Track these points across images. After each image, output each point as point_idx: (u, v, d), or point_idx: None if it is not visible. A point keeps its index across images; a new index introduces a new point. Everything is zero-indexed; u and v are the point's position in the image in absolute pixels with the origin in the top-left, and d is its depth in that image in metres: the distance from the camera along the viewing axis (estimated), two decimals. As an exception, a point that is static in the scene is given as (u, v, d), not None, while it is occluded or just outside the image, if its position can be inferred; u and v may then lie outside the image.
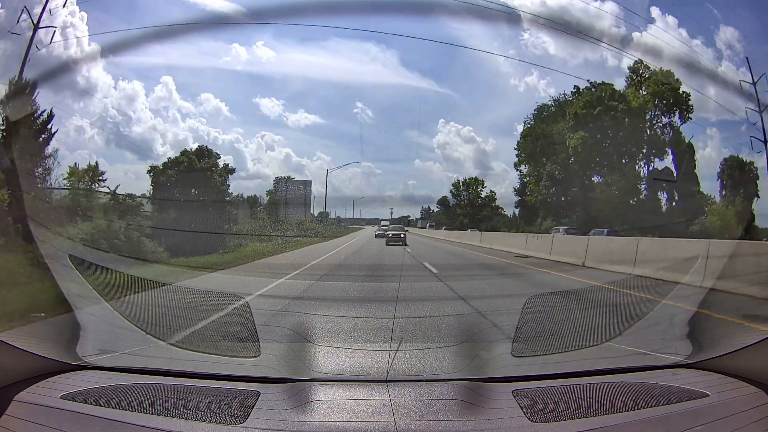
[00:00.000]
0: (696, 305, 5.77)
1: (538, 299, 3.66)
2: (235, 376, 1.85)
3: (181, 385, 1.74)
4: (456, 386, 1.71)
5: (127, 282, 5.94)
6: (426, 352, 2.53)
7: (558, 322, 3.76)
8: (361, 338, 4.56)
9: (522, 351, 2.39)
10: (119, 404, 1.53)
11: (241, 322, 3.59)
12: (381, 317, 5.63)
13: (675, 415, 1.49)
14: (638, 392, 1.65)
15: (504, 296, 7.32)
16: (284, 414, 1.51)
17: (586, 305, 5.92)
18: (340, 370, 2.05)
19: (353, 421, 1.45)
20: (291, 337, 3.60)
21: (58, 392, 1.60)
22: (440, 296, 7.43)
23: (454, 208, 20.47)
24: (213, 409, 1.51)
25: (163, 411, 1.50)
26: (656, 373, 1.88)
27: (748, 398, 1.58)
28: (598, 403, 1.55)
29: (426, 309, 6.25)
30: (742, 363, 1.74)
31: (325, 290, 8.30)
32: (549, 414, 1.49)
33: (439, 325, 5.27)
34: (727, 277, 7.46)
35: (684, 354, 2.04)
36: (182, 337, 3.97)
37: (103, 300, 3.20)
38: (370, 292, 8.05)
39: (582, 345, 2.78)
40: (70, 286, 3.54)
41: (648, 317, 3.63)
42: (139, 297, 5.30)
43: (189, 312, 4.46)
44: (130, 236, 11.53)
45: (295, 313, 5.93)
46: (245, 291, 7.21)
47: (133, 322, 2.83)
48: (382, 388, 1.68)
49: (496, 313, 5.46)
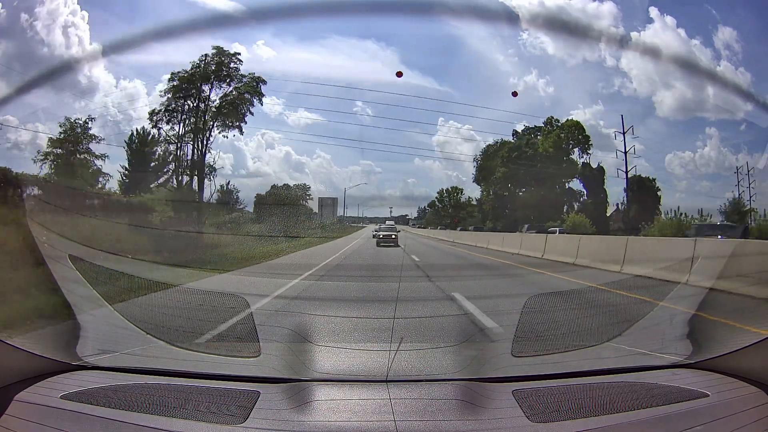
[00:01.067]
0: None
1: (537, 299, 3.66)
2: (235, 376, 1.85)
3: (181, 385, 1.74)
4: (456, 386, 1.71)
5: (131, 283, 5.95)
6: (426, 352, 2.53)
7: (558, 322, 3.77)
8: (361, 338, 4.56)
9: (522, 351, 2.39)
10: (119, 404, 1.53)
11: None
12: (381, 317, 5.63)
13: (675, 415, 1.49)
14: (638, 392, 1.64)
15: (502, 294, 7.34)
16: (284, 414, 1.51)
17: (585, 305, 5.91)
18: (340, 370, 2.05)
19: (353, 421, 1.45)
20: (291, 337, 3.60)
21: (58, 392, 1.60)
22: (434, 296, 7.45)
23: (440, 210, 27.17)
24: (213, 409, 1.51)
25: (163, 411, 1.49)
26: (656, 373, 1.88)
27: (748, 398, 1.58)
28: (598, 403, 1.55)
29: (425, 309, 6.24)
30: (742, 363, 1.74)
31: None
32: (549, 414, 1.49)
33: (439, 325, 5.27)
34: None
35: (684, 354, 2.04)
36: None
37: (104, 300, 3.20)
38: (370, 291, 8.07)
39: (582, 345, 2.78)
40: (70, 286, 3.54)
41: (648, 317, 3.64)
42: (144, 299, 5.29)
43: (207, 314, 4.48)
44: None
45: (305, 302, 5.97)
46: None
47: (133, 322, 2.83)
48: (382, 388, 1.68)
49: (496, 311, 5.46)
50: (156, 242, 13.02)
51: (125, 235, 12.35)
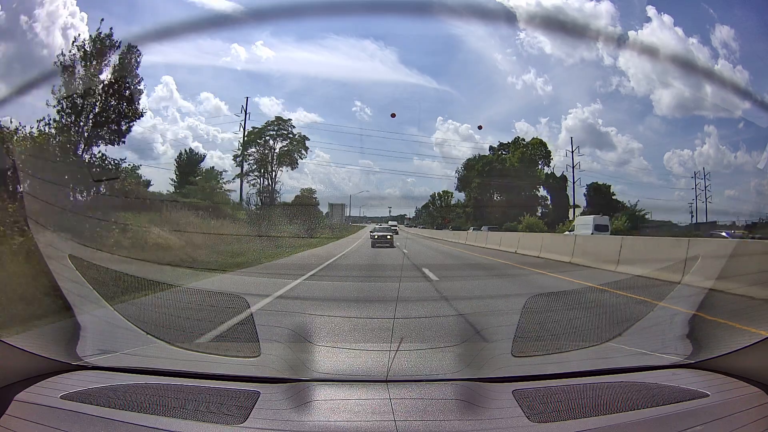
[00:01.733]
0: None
1: (537, 300, 3.66)
2: (235, 376, 1.84)
3: (181, 385, 1.73)
4: (456, 386, 1.71)
5: (129, 283, 5.95)
6: (426, 352, 2.53)
7: (557, 322, 3.76)
8: (361, 338, 4.56)
9: (522, 351, 2.39)
10: (119, 404, 1.53)
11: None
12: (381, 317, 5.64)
13: (675, 415, 1.49)
14: (638, 392, 1.64)
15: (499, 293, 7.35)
16: (284, 414, 1.51)
17: (585, 305, 5.91)
18: (340, 370, 2.04)
19: (353, 421, 1.45)
20: (291, 337, 3.60)
21: (58, 392, 1.60)
22: (431, 296, 7.47)
23: (433, 211, 30.72)
24: (213, 409, 1.51)
25: (163, 411, 1.49)
26: (656, 373, 1.88)
27: (748, 398, 1.58)
28: (598, 403, 1.55)
29: (425, 309, 6.24)
30: (742, 363, 1.74)
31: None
32: (549, 414, 1.49)
33: (439, 325, 5.26)
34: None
35: (684, 354, 2.04)
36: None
37: (104, 300, 3.20)
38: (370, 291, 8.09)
39: (582, 345, 2.78)
40: (71, 286, 3.54)
41: (648, 317, 3.63)
42: (145, 299, 5.29)
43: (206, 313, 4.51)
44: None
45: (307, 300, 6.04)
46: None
47: (133, 322, 2.83)
48: (382, 388, 1.68)
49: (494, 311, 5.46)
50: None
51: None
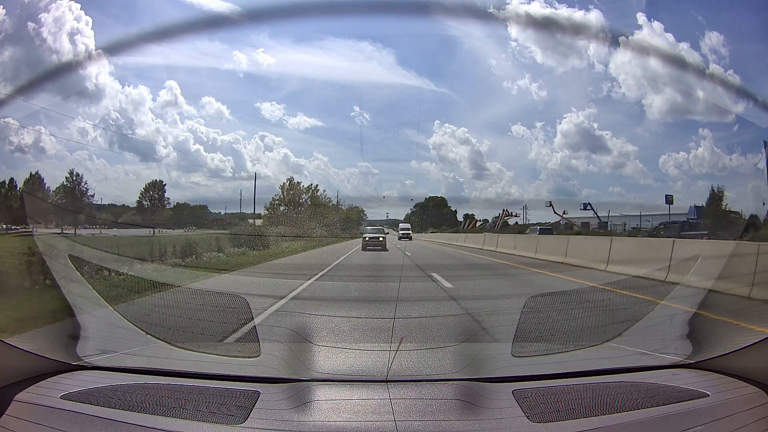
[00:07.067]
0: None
1: (537, 299, 3.66)
2: (235, 376, 1.84)
3: (181, 385, 1.73)
4: (456, 386, 1.70)
5: (128, 283, 5.96)
6: (426, 352, 2.52)
7: (558, 322, 3.75)
8: (361, 338, 4.56)
9: (522, 351, 2.38)
10: (119, 404, 1.53)
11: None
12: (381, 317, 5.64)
13: (675, 415, 1.49)
14: (638, 392, 1.64)
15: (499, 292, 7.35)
16: (284, 414, 1.50)
17: (585, 305, 5.92)
18: (340, 370, 2.04)
19: (353, 421, 1.45)
20: (291, 337, 3.60)
21: (58, 392, 1.60)
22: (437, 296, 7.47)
23: (426, 215, 33.25)
24: (213, 409, 1.51)
25: (163, 411, 1.49)
26: (656, 373, 1.88)
27: (748, 398, 1.58)
28: (598, 403, 1.54)
29: (426, 309, 6.24)
30: (742, 363, 1.74)
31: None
32: (549, 414, 1.49)
33: (439, 324, 5.26)
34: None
35: (684, 354, 2.04)
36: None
37: (104, 300, 3.20)
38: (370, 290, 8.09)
39: (582, 345, 2.78)
40: (71, 286, 3.54)
41: (648, 317, 3.63)
42: (143, 299, 5.29)
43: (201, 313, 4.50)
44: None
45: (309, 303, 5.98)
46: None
47: (133, 322, 2.83)
48: (382, 388, 1.67)
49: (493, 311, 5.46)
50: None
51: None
